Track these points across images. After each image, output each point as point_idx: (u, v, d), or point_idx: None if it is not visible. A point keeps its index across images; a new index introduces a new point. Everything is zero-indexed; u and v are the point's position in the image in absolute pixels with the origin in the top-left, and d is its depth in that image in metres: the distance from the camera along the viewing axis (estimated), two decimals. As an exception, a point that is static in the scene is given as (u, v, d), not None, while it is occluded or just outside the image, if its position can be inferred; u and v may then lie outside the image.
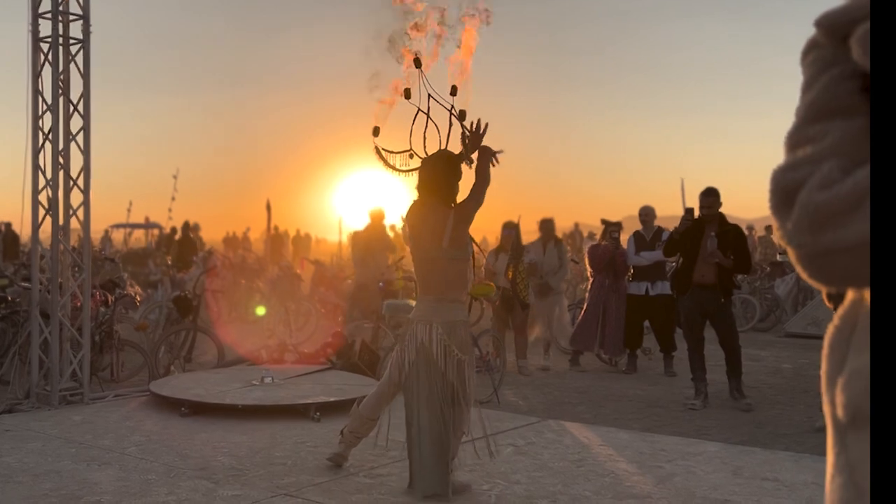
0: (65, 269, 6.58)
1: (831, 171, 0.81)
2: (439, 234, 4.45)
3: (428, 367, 4.42)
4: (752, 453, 5.41)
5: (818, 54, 0.89)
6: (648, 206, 9.82)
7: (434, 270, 4.50)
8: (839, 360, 0.89)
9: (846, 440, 0.87)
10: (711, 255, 7.28)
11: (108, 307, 7.55)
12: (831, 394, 0.89)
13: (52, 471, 4.88)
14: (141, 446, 5.43)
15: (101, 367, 7.41)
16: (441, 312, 4.48)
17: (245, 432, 5.73)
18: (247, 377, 6.99)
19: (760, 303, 13.47)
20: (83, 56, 6.58)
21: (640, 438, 5.84)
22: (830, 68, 0.87)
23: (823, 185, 0.81)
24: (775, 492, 4.55)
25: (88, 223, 6.68)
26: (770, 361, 10.09)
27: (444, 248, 4.44)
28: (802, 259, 0.84)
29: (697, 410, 7.19)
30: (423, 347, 4.43)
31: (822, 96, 0.87)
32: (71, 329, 6.56)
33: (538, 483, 4.74)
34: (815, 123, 0.86)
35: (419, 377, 4.44)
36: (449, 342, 4.42)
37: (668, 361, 9.18)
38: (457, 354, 4.43)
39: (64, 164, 6.56)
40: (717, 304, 7.38)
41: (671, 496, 4.51)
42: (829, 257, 0.81)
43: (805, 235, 0.82)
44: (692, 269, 7.42)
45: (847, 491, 0.86)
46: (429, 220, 4.50)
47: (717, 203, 7.53)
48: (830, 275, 0.84)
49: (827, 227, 0.80)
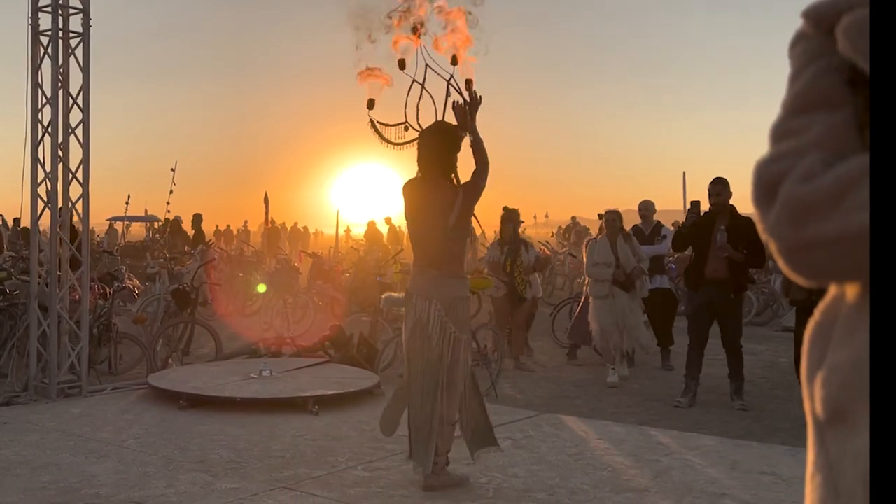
0: (63, 262, 6.57)
1: (813, 163, 0.81)
2: (446, 211, 4.34)
3: (423, 345, 4.36)
4: (750, 447, 5.43)
5: (805, 46, 0.89)
6: (648, 200, 9.81)
7: (435, 246, 4.41)
8: (819, 356, 0.87)
9: (825, 437, 0.86)
10: (721, 249, 7.02)
11: (107, 300, 7.55)
12: (810, 390, 0.88)
13: (51, 463, 4.89)
14: (139, 439, 5.44)
15: (99, 359, 7.42)
16: (442, 288, 4.39)
17: (243, 425, 5.74)
18: (245, 370, 6.99)
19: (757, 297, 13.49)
20: (83, 49, 6.58)
21: (637, 432, 5.85)
22: (817, 60, 0.87)
23: (805, 178, 0.81)
24: (773, 486, 4.56)
25: (87, 216, 6.68)
26: (767, 356, 10.11)
27: (451, 224, 4.36)
28: (783, 252, 0.83)
29: (682, 409, 7.13)
30: (420, 323, 4.37)
31: (807, 88, 0.86)
32: (69, 322, 6.56)
33: (536, 476, 4.75)
34: (800, 115, 0.86)
35: (414, 353, 4.41)
36: (447, 320, 4.34)
37: (665, 355, 9.18)
38: (454, 332, 4.34)
39: (63, 157, 6.56)
40: (727, 300, 7.14)
41: (669, 490, 4.52)
42: (810, 251, 0.80)
43: (786, 228, 0.81)
44: (704, 264, 7.18)
45: (825, 490, 0.85)
46: (432, 196, 4.40)
47: (727, 192, 7.26)
48: (811, 269, 0.83)
49: (808, 220, 0.80)
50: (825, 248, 0.79)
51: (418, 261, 4.53)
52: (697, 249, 7.39)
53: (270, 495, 4.39)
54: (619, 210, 8.67)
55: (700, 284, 7.23)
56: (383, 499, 4.37)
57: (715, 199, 7.26)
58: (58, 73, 6.53)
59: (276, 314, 10.94)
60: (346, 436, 5.56)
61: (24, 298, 7.06)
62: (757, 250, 7.20)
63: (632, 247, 8.31)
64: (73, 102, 6.62)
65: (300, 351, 8.00)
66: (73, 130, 6.61)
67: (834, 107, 0.84)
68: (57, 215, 6.50)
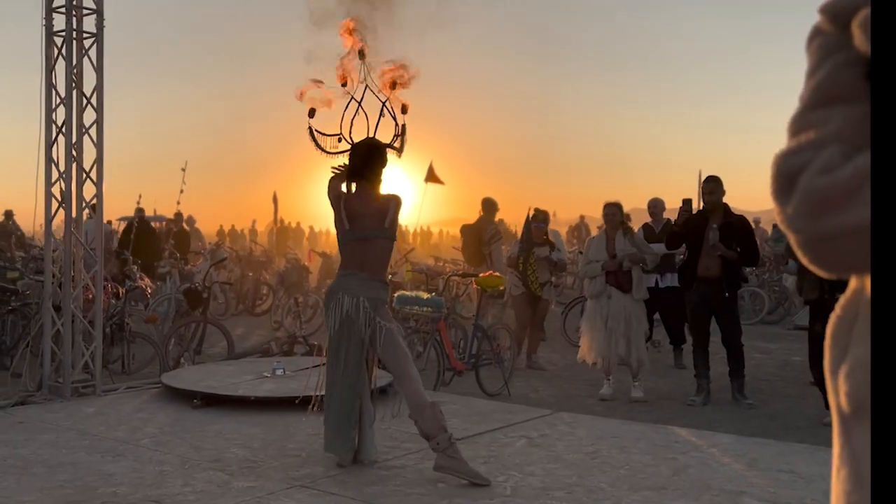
0: (77, 262, 6.58)
1: (832, 156, 0.81)
2: (381, 217, 4.80)
3: (349, 338, 4.73)
4: (767, 445, 5.40)
5: (822, 41, 0.90)
6: (658, 198, 9.79)
7: (367, 250, 4.80)
8: (841, 350, 0.88)
9: (850, 431, 0.86)
10: (714, 248, 7.06)
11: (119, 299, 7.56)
12: (834, 384, 0.89)
13: (67, 462, 4.89)
14: (154, 438, 5.44)
15: (112, 359, 7.43)
16: (369, 289, 4.76)
17: (258, 424, 5.74)
18: (258, 369, 7.00)
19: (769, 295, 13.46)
20: (96, 50, 6.59)
21: (652, 430, 5.83)
22: (834, 54, 0.87)
23: (824, 170, 0.81)
24: (792, 483, 4.54)
25: (101, 216, 6.70)
26: (780, 354, 10.09)
27: (386, 228, 4.81)
28: (802, 244, 0.84)
29: (696, 407, 7.11)
30: (347, 319, 4.72)
31: (825, 82, 0.87)
32: (83, 321, 6.57)
33: (553, 475, 4.74)
34: (818, 109, 0.86)
35: (339, 346, 4.75)
36: (373, 314, 4.72)
37: (677, 354, 9.17)
38: (381, 324, 4.71)
39: (77, 157, 6.57)
40: (722, 298, 7.16)
41: (686, 488, 4.50)
42: (829, 242, 0.81)
43: (805, 220, 0.82)
44: (697, 263, 7.23)
45: (850, 482, 0.85)
46: (369, 203, 4.83)
47: (720, 190, 7.27)
48: (830, 260, 0.83)
49: (826, 211, 0.80)
50: (843, 239, 0.80)
51: (347, 264, 4.88)
52: (691, 248, 7.42)
53: (288, 494, 4.38)
54: (619, 203, 7.76)
55: (693, 283, 7.27)
56: (400, 497, 4.36)
57: (708, 197, 7.30)
58: (72, 74, 6.55)
59: (287, 313, 10.95)
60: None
61: (37, 298, 7.09)
62: (750, 248, 7.28)
63: (633, 241, 7.57)
64: (87, 102, 6.63)
65: (312, 349, 8.00)
66: (87, 130, 6.62)
67: (852, 100, 0.84)
68: (71, 215, 6.51)
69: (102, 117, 6.65)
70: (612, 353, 7.40)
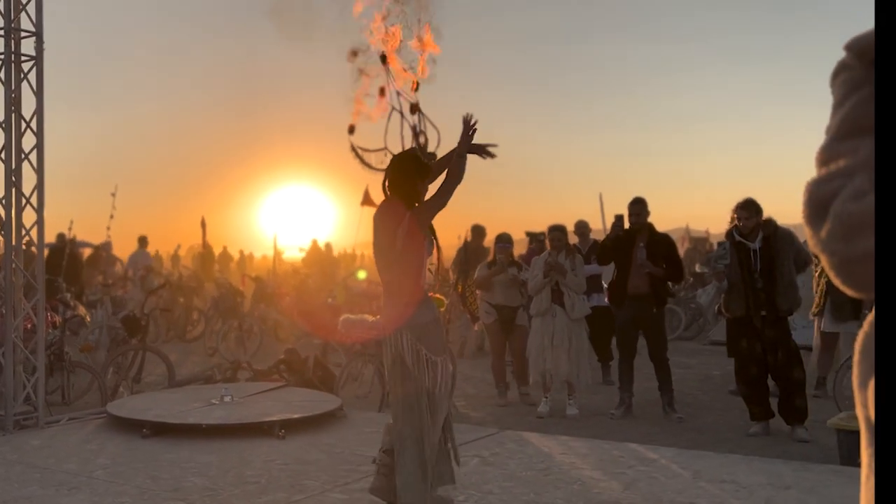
0: (17, 290, 6.43)
1: (863, 183, 0.87)
2: (391, 235, 4.23)
3: (403, 376, 4.26)
4: (707, 457, 5.69)
5: (848, 75, 0.97)
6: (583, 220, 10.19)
7: (392, 273, 4.31)
8: (870, 364, 0.92)
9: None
10: (642, 266, 7.47)
11: (56, 328, 7.39)
12: (864, 397, 0.93)
13: (21, 497, 4.80)
14: (108, 469, 5.37)
15: (51, 389, 7.25)
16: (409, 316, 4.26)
17: (212, 452, 5.72)
18: (205, 396, 6.95)
19: (685, 312, 14.01)
20: (36, 73, 6.48)
21: (597, 446, 6.06)
22: (860, 89, 0.94)
23: (856, 197, 0.87)
24: (736, 493, 4.81)
25: (42, 242, 6.56)
26: (699, 369, 10.50)
27: (398, 248, 4.20)
28: (835, 266, 0.89)
29: (627, 420, 7.45)
30: (397, 356, 4.27)
31: (852, 115, 0.93)
32: (24, 351, 6.41)
33: (510, 493, 4.90)
34: (847, 140, 0.93)
35: (395, 387, 4.31)
36: (419, 346, 4.24)
37: (605, 370, 9.49)
38: (427, 356, 4.23)
39: (16, 182, 6.44)
40: (650, 314, 7.58)
41: (640, 501, 4.73)
42: (861, 264, 0.86)
43: (838, 243, 0.87)
44: (626, 281, 7.60)
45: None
46: (385, 220, 4.28)
47: (645, 212, 7.69)
48: (862, 281, 0.88)
49: (859, 235, 0.85)
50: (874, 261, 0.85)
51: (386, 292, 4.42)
52: (619, 266, 7.78)
53: (255, 520, 4.42)
54: (563, 226, 8.18)
55: (623, 300, 7.64)
56: (366, 520, 4.45)
57: (635, 218, 7.69)
58: (10, 97, 6.43)
59: (221, 339, 10.84)
60: (316, 459, 5.61)
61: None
62: (674, 265, 7.75)
63: (573, 264, 7.77)
64: (27, 126, 6.51)
65: (256, 375, 7.98)
66: (27, 156, 6.50)
67: None
68: (11, 242, 6.37)
69: (43, 142, 6.54)
70: (557, 371, 7.63)
